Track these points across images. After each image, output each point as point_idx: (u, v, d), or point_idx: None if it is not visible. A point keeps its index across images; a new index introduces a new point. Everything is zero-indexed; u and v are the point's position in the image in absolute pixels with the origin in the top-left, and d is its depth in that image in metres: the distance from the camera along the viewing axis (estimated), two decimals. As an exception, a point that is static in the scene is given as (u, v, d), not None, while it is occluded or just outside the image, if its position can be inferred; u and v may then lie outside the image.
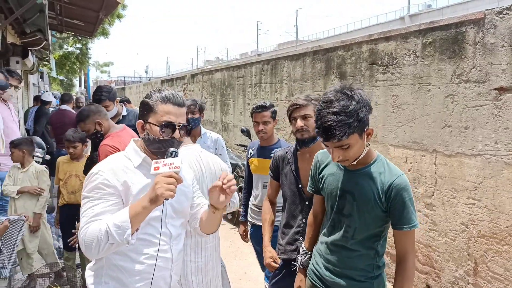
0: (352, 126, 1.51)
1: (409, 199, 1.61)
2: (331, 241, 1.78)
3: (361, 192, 1.65)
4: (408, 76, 3.46)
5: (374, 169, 1.66)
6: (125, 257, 1.52)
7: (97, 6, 7.20)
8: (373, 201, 1.63)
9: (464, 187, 2.98)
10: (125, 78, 52.71)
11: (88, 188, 1.50)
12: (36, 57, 11.78)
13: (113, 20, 17.83)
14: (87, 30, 10.24)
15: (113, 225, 1.38)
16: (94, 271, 1.58)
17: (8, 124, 3.89)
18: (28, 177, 3.53)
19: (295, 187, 2.28)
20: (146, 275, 1.54)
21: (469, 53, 2.92)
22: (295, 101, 2.22)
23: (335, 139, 1.51)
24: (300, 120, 2.17)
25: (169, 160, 1.47)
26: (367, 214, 1.65)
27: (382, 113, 3.77)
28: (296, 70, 5.36)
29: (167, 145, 1.54)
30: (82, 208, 1.49)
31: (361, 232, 1.68)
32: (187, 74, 11.03)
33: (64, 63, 24.26)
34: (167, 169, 1.44)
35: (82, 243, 1.42)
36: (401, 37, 3.55)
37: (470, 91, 2.93)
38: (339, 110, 1.52)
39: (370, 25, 39.18)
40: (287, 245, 2.29)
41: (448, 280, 3.13)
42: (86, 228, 1.42)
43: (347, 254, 1.72)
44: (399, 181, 1.60)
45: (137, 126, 1.60)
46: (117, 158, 1.61)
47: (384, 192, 1.61)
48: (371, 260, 1.71)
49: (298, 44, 39.70)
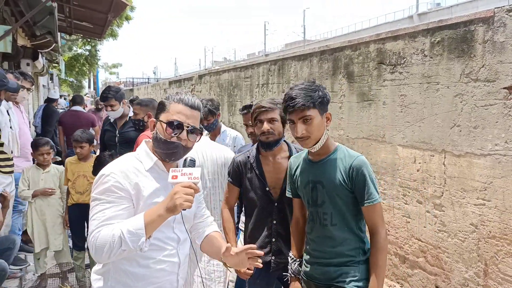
0: (313, 98, 1.75)
1: (369, 176, 1.78)
2: (314, 235, 1.91)
3: (328, 178, 1.82)
4: (417, 75, 3.44)
5: (335, 156, 1.84)
6: (133, 262, 1.51)
7: (105, 8, 7.26)
8: (339, 185, 1.79)
9: (473, 187, 2.95)
10: (134, 79, 53.13)
11: (99, 190, 1.46)
12: (46, 59, 11.92)
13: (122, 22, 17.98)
14: (96, 32, 10.34)
15: (127, 231, 1.36)
16: (100, 275, 1.57)
17: (20, 126, 3.95)
18: (51, 177, 3.60)
19: (261, 191, 2.27)
20: (154, 279, 1.53)
21: (478, 52, 2.89)
22: (261, 104, 2.24)
23: (299, 105, 1.73)
24: (267, 123, 2.19)
25: (187, 169, 1.45)
26: (338, 199, 1.81)
27: (390, 113, 3.75)
28: (304, 70, 5.35)
29: (170, 147, 1.52)
30: (92, 210, 1.46)
31: (337, 217, 1.82)
32: (194, 75, 11.07)
33: (73, 65, 24.53)
34: (185, 179, 1.42)
35: (92, 246, 1.40)
36: (409, 36, 3.52)
37: (479, 90, 2.89)
38: (304, 86, 1.80)
39: (378, 24, 38.91)
40: (260, 249, 2.28)
41: (458, 281, 3.09)
42: (98, 232, 1.39)
43: (331, 243, 1.85)
44: (358, 161, 1.79)
45: (149, 124, 1.60)
46: (128, 159, 1.58)
47: (346, 173, 1.79)
48: (354, 244, 1.84)
49: (306, 44, 39.61)
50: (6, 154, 3.33)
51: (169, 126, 1.50)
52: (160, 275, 1.54)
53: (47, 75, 14.69)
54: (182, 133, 1.52)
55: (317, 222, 1.88)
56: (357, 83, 4.20)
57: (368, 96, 4.04)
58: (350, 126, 4.34)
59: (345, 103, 4.41)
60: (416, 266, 3.50)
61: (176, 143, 1.51)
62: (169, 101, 1.55)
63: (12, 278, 3.53)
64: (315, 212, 1.88)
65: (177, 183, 1.41)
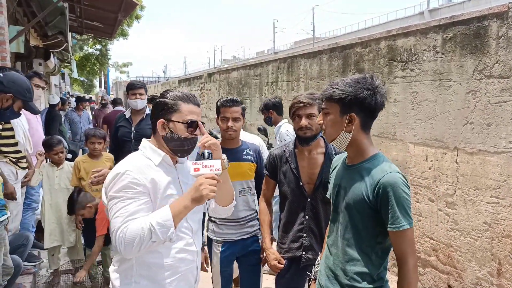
0: (344, 93, 1.56)
1: (397, 198, 1.49)
2: (329, 244, 1.75)
3: (351, 187, 1.61)
4: (428, 72, 3.39)
5: (368, 165, 1.60)
6: (156, 254, 1.55)
7: (116, 7, 7.33)
8: (361, 199, 1.56)
9: (487, 185, 2.91)
10: (144, 78, 53.47)
11: (117, 188, 1.49)
12: (58, 59, 12.07)
13: (132, 21, 18.10)
14: (107, 31, 10.43)
15: (157, 223, 1.41)
16: (121, 273, 1.58)
17: (33, 125, 4.01)
18: (66, 174, 3.66)
19: (295, 185, 2.28)
20: (176, 269, 1.59)
21: (492, 48, 2.84)
22: (300, 98, 2.22)
23: (325, 92, 1.63)
24: (305, 118, 2.19)
25: (208, 162, 1.53)
26: (355, 212, 1.59)
27: (401, 110, 3.71)
28: (313, 67, 5.33)
29: (191, 143, 1.62)
30: (112, 208, 1.49)
31: (350, 233, 1.61)
32: (204, 73, 11.10)
33: (84, 64, 24.80)
34: (208, 171, 1.50)
35: (121, 242, 1.42)
36: (421, 32, 3.48)
37: (493, 87, 2.85)
38: (348, 79, 1.61)
39: (389, 21, 38.51)
40: (291, 243, 2.28)
41: (470, 280, 3.06)
42: (126, 228, 1.42)
43: (338, 258, 1.67)
44: (387, 178, 1.51)
45: (158, 125, 1.62)
46: (137, 157, 1.62)
47: (372, 189, 1.54)
48: (362, 267, 1.59)
49: (315, 42, 39.38)
50: (21, 153, 3.39)
51: (189, 126, 1.59)
52: (183, 264, 1.61)
53: (58, 74, 14.87)
54: (197, 130, 1.63)
55: (333, 231, 1.73)
56: (368, 80, 4.16)
57: (378, 93, 4.00)
58: (361, 124, 4.31)
59: (355, 100, 4.38)
60: (428, 265, 3.47)
61: (195, 139, 1.63)
62: (173, 100, 1.61)
63: (26, 274, 3.59)
64: (334, 219, 1.72)
65: (200, 175, 1.49)
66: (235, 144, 2.57)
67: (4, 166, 3.15)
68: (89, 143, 3.63)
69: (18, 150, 3.35)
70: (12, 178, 3.29)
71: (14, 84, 2.69)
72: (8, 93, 2.65)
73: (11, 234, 3.28)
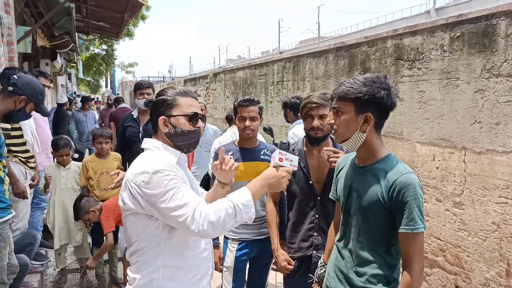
0: (360, 93, 1.52)
1: (413, 199, 1.47)
2: (341, 246, 1.73)
3: (365, 188, 1.58)
4: (436, 71, 3.37)
5: (382, 166, 1.58)
6: (183, 257, 1.58)
7: (122, 8, 7.36)
8: (376, 200, 1.55)
9: (495, 185, 2.88)
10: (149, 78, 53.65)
11: (165, 183, 1.45)
12: (64, 59, 12.15)
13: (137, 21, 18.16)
14: (113, 31, 10.48)
15: (241, 204, 1.46)
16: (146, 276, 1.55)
17: (40, 124, 4.04)
18: (72, 174, 3.69)
19: (304, 184, 2.27)
20: (199, 268, 1.63)
21: (500, 46, 2.81)
22: (312, 99, 2.21)
23: (338, 91, 1.59)
24: (317, 119, 2.19)
25: (291, 156, 1.57)
26: (370, 213, 1.57)
27: (408, 109, 3.69)
28: (319, 67, 5.31)
29: (195, 136, 1.63)
30: (170, 201, 1.44)
31: (364, 234, 1.60)
32: (209, 73, 11.11)
33: (90, 64, 24.92)
34: (288, 164, 1.55)
35: (203, 222, 1.41)
36: (428, 31, 3.45)
37: (501, 86, 2.82)
38: (362, 78, 1.57)
39: (395, 20, 38.29)
40: (301, 242, 2.27)
41: (478, 281, 3.03)
42: (206, 208, 1.44)
43: (353, 259, 1.64)
44: (404, 179, 1.49)
45: (159, 122, 1.61)
46: (157, 158, 1.57)
47: (387, 189, 1.52)
48: (377, 270, 1.58)
49: (320, 41, 39.29)
50: (29, 152, 3.42)
51: (191, 119, 1.61)
52: (205, 262, 1.66)
53: (65, 74, 14.98)
54: (199, 122, 1.64)
55: (345, 233, 1.70)
56: (374, 79, 4.14)
57: (385, 92, 3.98)
58: (367, 123, 4.29)
59: (361, 100, 4.36)
60: (435, 265, 3.44)
61: (198, 130, 1.65)
62: (171, 96, 1.61)
63: (34, 273, 3.62)
64: (345, 221, 1.70)
65: (281, 166, 1.54)
66: (252, 143, 2.59)
67: (13, 166, 3.18)
68: (96, 143, 3.65)
69: (27, 149, 3.38)
70: (21, 178, 3.32)
71: (28, 86, 2.71)
72: (22, 95, 2.68)
73: (19, 232, 3.31)
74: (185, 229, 1.44)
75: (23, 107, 2.73)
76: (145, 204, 1.47)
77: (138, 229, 1.53)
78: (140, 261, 1.55)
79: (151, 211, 1.48)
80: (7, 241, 2.46)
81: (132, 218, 1.53)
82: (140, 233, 1.53)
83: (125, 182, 1.53)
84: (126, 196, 1.51)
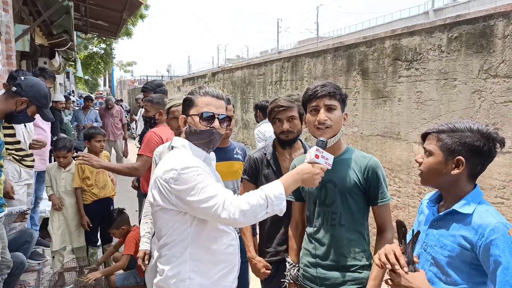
0: (338, 92, 1.76)
1: (382, 176, 1.78)
2: (319, 236, 1.83)
3: (341, 177, 1.78)
4: (433, 71, 3.38)
5: (347, 156, 1.82)
6: (209, 251, 1.61)
7: (120, 6, 7.34)
8: (353, 184, 1.76)
9: (491, 185, 2.89)
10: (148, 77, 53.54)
11: (192, 178, 1.49)
12: (63, 57, 12.13)
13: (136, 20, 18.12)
14: (111, 30, 10.46)
15: (274, 196, 1.47)
16: (174, 268, 1.59)
17: (39, 124, 4.00)
18: (72, 176, 3.64)
19: None
20: (225, 263, 1.66)
21: (497, 47, 2.82)
22: (279, 102, 2.20)
23: (327, 92, 1.72)
24: (286, 122, 2.18)
25: (327, 154, 1.58)
26: (349, 198, 1.77)
27: (406, 110, 3.69)
28: (317, 67, 5.32)
29: (208, 135, 1.62)
30: (202, 192, 1.47)
31: (346, 217, 1.78)
32: (208, 72, 11.12)
33: (89, 63, 24.85)
34: (323, 162, 1.56)
35: (235, 211, 1.44)
36: (426, 31, 3.46)
37: (498, 87, 2.83)
38: (329, 82, 1.81)
39: (393, 20, 38.34)
40: (278, 246, 2.25)
41: (474, 281, 3.04)
42: (237, 199, 1.47)
43: (337, 243, 1.78)
44: (372, 162, 1.78)
45: (180, 121, 1.67)
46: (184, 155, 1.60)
47: (362, 173, 1.77)
48: (360, 247, 1.79)
49: (319, 41, 39.32)
50: (25, 151, 3.40)
51: (201, 118, 1.60)
52: (232, 257, 1.69)
53: (63, 73, 14.95)
54: (215, 122, 1.62)
55: (324, 222, 1.82)
56: (372, 79, 4.15)
57: (383, 92, 3.99)
58: (364, 123, 4.30)
59: (359, 100, 4.37)
60: (431, 265, 3.45)
61: (211, 130, 1.62)
62: (195, 96, 1.64)
63: (31, 271, 3.60)
64: (322, 212, 1.83)
65: (316, 162, 1.55)
66: (225, 143, 2.56)
67: (7, 164, 3.16)
68: (93, 141, 3.65)
69: (21, 148, 3.36)
70: (15, 176, 3.30)
71: (31, 88, 2.68)
72: (24, 97, 2.65)
73: (16, 231, 3.30)
74: (216, 219, 1.49)
75: (24, 109, 2.70)
76: (175, 200, 1.52)
77: (167, 223, 1.59)
78: (169, 254, 1.61)
79: (181, 206, 1.52)
80: (0, 237, 2.45)
81: (162, 213, 1.59)
82: (169, 228, 1.58)
83: (155, 179, 1.58)
84: (156, 193, 1.56)
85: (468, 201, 1.34)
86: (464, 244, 1.29)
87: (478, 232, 1.26)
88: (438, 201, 1.46)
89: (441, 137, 1.37)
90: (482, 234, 1.25)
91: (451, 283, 1.32)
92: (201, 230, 1.59)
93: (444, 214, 1.37)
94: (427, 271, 1.38)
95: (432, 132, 1.40)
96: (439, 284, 1.35)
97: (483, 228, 1.26)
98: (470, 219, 1.31)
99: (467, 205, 1.33)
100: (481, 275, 1.29)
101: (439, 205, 1.44)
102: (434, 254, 1.37)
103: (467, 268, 1.30)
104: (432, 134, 1.40)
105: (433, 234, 1.40)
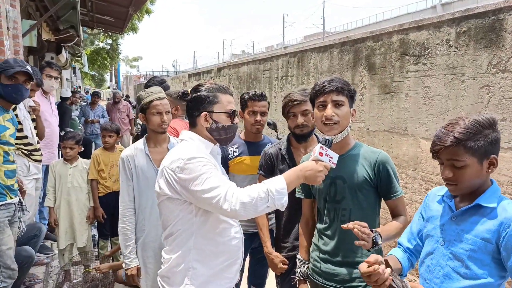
0: (346, 87, 1.75)
1: (393, 170, 1.78)
2: (330, 232, 1.84)
3: (350, 173, 1.77)
4: (441, 66, 3.35)
5: (356, 151, 1.81)
6: (212, 241, 1.65)
7: (126, 1, 7.35)
8: (363, 180, 1.75)
9: (499, 181, 2.86)
10: (153, 72, 53.70)
11: (198, 169, 1.53)
12: (69, 53, 12.19)
13: (142, 16, 18.15)
14: (117, 26, 10.48)
15: (275, 190, 1.49)
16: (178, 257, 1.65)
17: (46, 118, 4.02)
18: (79, 172, 3.62)
19: None
20: (228, 255, 1.69)
21: (507, 42, 2.79)
22: (293, 96, 2.20)
23: (334, 87, 1.72)
24: (301, 116, 2.18)
25: (331, 153, 1.58)
26: (359, 193, 1.76)
27: (413, 105, 3.67)
28: (323, 62, 5.29)
29: (233, 130, 1.73)
30: (206, 182, 1.52)
31: (356, 213, 1.77)
32: (213, 68, 11.11)
33: (95, 58, 24.97)
34: (327, 160, 1.56)
35: (236, 203, 1.47)
36: (434, 26, 3.42)
37: (507, 82, 2.80)
38: (338, 77, 1.81)
39: (400, 15, 37.95)
40: (295, 241, 2.25)
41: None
42: (239, 190, 1.50)
43: (347, 239, 1.76)
44: (382, 156, 1.78)
45: (200, 118, 1.69)
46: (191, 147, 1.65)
47: (372, 168, 1.76)
48: None
49: (325, 36, 39.07)
50: (33, 145, 3.43)
51: (232, 115, 1.71)
52: (235, 249, 1.72)
53: (70, 68, 15.03)
54: (236, 118, 1.76)
55: (333, 218, 1.82)
56: (379, 74, 4.12)
57: (390, 88, 3.96)
58: (371, 119, 4.28)
59: (366, 95, 4.35)
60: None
61: (236, 125, 1.75)
62: (211, 93, 1.70)
63: (39, 265, 3.65)
64: (332, 208, 1.83)
65: (320, 160, 1.56)
66: (258, 138, 2.61)
67: (17, 159, 3.18)
68: (102, 136, 3.71)
69: (29, 142, 3.38)
70: (24, 170, 3.33)
71: None
72: None
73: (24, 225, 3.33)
74: (218, 210, 1.51)
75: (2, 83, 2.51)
76: (180, 189, 1.56)
77: (173, 213, 1.64)
78: (174, 243, 1.66)
79: (185, 195, 1.56)
80: (3, 225, 2.46)
81: (168, 203, 1.64)
82: (174, 217, 1.63)
83: (162, 169, 1.63)
84: (163, 182, 1.62)
85: (491, 194, 1.36)
86: (487, 237, 1.30)
87: (504, 223, 1.28)
88: (453, 197, 1.45)
89: (468, 145, 1.31)
90: (507, 225, 1.27)
91: (471, 277, 1.32)
92: (206, 221, 1.63)
93: (466, 208, 1.37)
94: (444, 266, 1.38)
95: (452, 145, 1.33)
96: (457, 279, 1.35)
97: (509, 219, 1.28)
98: (495, 212, 1.32)
99: (491, 198, 1.35)
100: (502, 269, 1.31)
101: (455, 200, 1.43)
102: (454, 248, 1.37)
103: (489, 261, 1.31)
104: (454, 147, 1.33)
105: (451, 229, 1.39)
